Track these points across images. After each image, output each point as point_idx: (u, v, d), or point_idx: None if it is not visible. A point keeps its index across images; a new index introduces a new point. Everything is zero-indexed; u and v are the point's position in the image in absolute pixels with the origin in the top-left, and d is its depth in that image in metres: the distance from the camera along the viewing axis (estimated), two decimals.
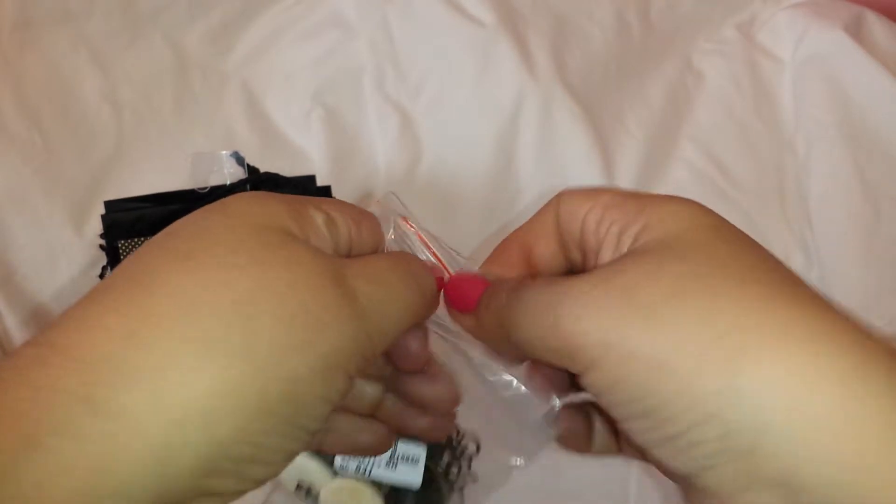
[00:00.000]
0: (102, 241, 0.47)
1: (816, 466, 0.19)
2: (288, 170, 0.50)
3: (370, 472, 0.32)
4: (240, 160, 0.49)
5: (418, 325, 0.26)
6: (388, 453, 0.32)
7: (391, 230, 0.28)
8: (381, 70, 0.54)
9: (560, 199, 0.27)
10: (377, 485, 0.32)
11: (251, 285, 0.20)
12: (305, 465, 0.33)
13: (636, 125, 0.55)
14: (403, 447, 0.32)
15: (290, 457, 0.21)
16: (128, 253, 0.46)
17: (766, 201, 0.55)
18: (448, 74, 0.54)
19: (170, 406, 0.18)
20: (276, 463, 0.21)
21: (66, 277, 0.48)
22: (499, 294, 0.25)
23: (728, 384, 0.19)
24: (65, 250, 0.48)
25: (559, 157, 0.53)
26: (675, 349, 0.20)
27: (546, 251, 0.27)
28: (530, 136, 0.53)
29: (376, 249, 0.26)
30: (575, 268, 0.27)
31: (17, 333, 0.46)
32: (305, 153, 0.52)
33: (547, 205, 0.27)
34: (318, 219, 0.24)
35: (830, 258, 0.52)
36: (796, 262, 0.53)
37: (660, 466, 0.22)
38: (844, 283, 0.51)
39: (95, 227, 0.47)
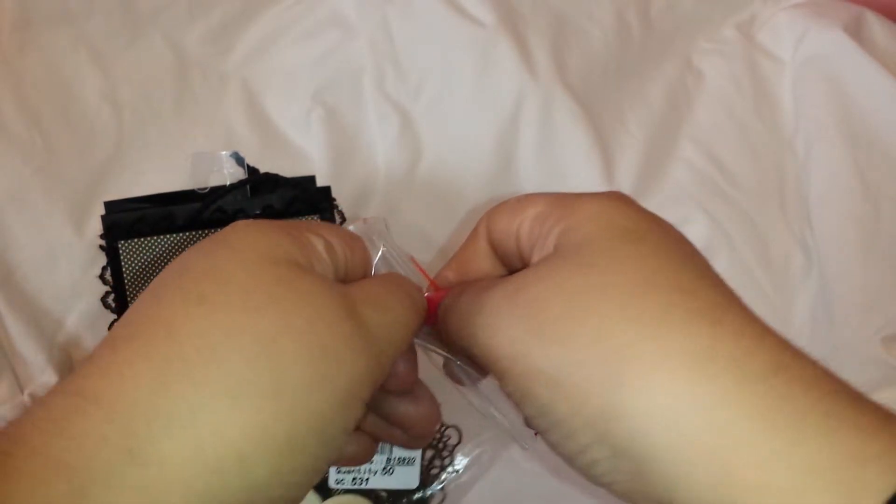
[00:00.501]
0: (102, 242, 0.47)
1: (692, 489, 0.18)
2: (288, 170, 0.50)
3: (367, 481, 0.31)
4: (240, 160, 0.49)
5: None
6: (385, 459, 0.31)
7: (378, 252, 0.28)
8: (381, 70, 0.54)
9: (489, 220, 0.26)
10: (373, 493, 0.32)
11: (272, 327, 0.20)
12: None
13: (636, 125, 0.55)
14: (399, 451, 0.31)
15: (311, 487, 0.21)
16: (128, 253, 0.46)
17: (766, 201, 0.55)
18: (448, 74, 0.54)
19: (208, 453, 0.18)
20: (300, 496, 0.21)
21: (66, 277, 0.48)
22: (444, 303, 0.25)
23: (612, 405, 0.19)
24: (65, 250, 0.48)
25: (559, 157, 0.53)
26: (568, 368, 0.20)
27: (483, 270, 0.27)
28: (530, 136, 0.53)
29: (366, 272, 0.27)
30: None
31: (17, 333, 0.46)
32: (305, 153, 0.52)
33: (475, 231, 0.27)
34: (319, 245, 0.24)
35: (830, 258, 0.52)
36: (796, 262, 0.53)
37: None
38: (844, 283, 0.51)
39: (95, 227, 0.47)
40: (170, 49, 0.53)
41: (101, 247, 0.47)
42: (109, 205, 0.47)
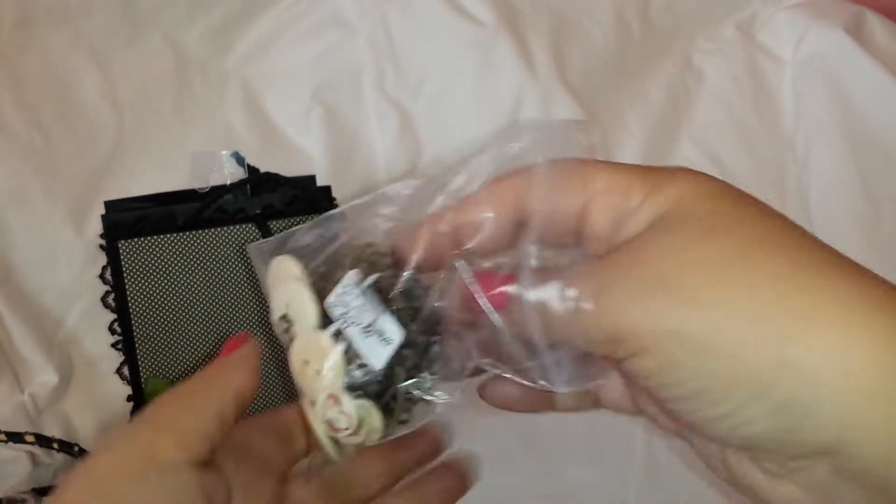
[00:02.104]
0: (102, 241, 0.47)
1: (863, 436, 0.19)
2: (288, 169, 0.50)
3: (348, 326, 0.28)
4: (240, 160, 0.49)
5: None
6: (371, 316, 0.27)
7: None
8: (380, 69, 0.54)
9: (517, 195, 0.25)
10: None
11: None
12: (300, 299, 0.29)
13: (636, 124, 0.55)
14: (384, 322, 0.27)
15: None
16: (128, 253, 0.46)
17: (767, 200, 0.54)
18: (448, 73, 0.54)
19: None
20: None
21: (66, 277, 0.48)
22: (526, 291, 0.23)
23: (778, 359, 0.19)
24: (65, 250, 0.48)
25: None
26: (725, 329, 0.20)
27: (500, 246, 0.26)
28: None
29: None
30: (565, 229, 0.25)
31: (17, 333, 0.46)
32: (305, 152, 0.52)
33: (485, 203, 0.25)
34: None
35: None
36: None
37: (701, 434, 0.22)
38: None
39: (95, 226, 0.47)
40: (170, 48, 0.53)
41: (101, 246, 0.47)
42: (109, 204, 0.47)
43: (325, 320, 0.28)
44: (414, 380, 0.28)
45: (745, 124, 0.56)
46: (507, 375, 0.26)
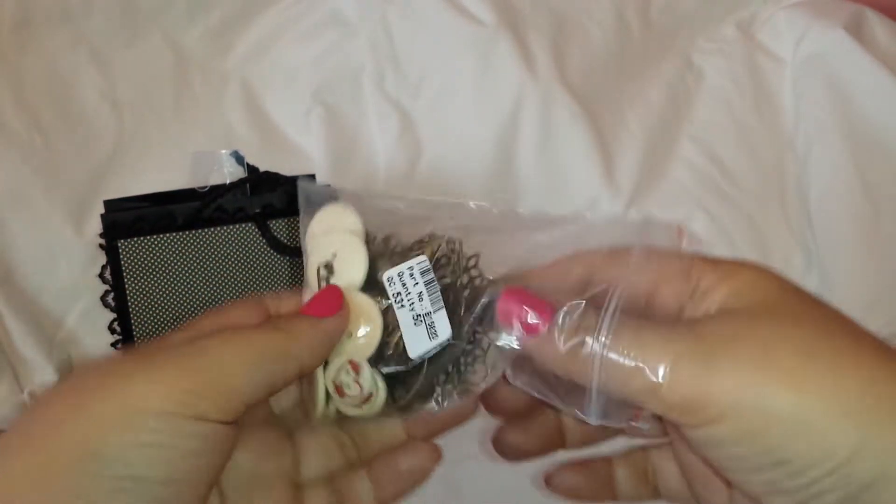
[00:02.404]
0: (102, 241, 0.47)
1: None
2: (288, 168, 0.50)
3: (402, 307, 0.28)
4: (240, 159, 0.49)
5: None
6: (426, 307, 0.28)
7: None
8: (380, 69, 0.54)
9: (596, 268, 0.27)
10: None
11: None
12: (354, 255, 0.28)
13: (636, 124, 0.55)
14: (439, 318, 0.28)
15: None
16: (128, 252, 0.46)
17: (766, 201, 0.55)
18: (448, 73, 0.54)
19: None
20: None
21: (66, 277, 0.48)
22: (583, 328, 0.25)
23: (860, 441, 0.21)
24: (64, 250, 0.48)
25: (559, 156, 0.53)
26: (811, 407, 0.22)
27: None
28: (530, 135, 0.53)
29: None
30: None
31: (17, 332, 0.46)
32: (305, 152, 0.52)
33: (568, 271, 0.28)
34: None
35: (830, 258, 0.52)
36: (796, 262, 0.53)
37: None
38: (844, 283, 0.51)
39: (95, 226, 0.47)
40: (169, 48, 0.53)
41: (100, 246, 0.47)
42: (109, 204, 0.47)
43: (369, 287, 0.28)
44: (438, 387, 0.29)
45: (745, 124, 0.56)
46: (538, 396, 0.27)
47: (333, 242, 0.29)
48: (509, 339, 0.26)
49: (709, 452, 0.24)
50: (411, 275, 0.28)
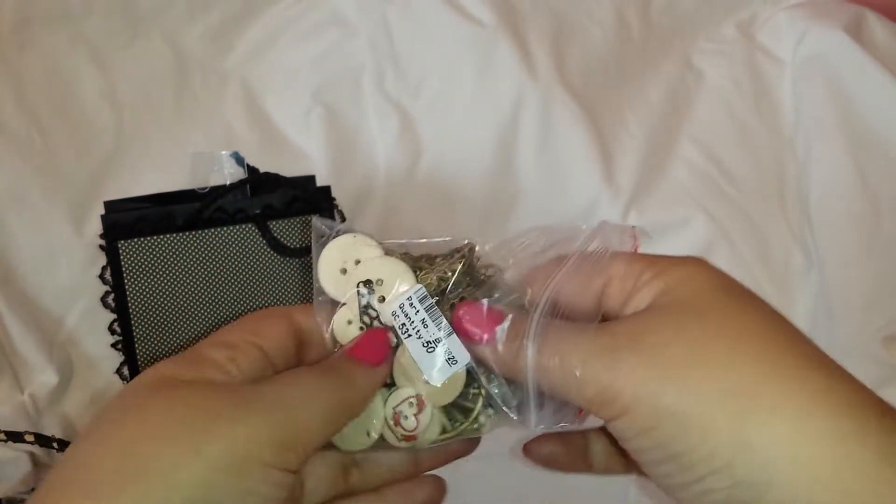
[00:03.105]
0: (102, 241, 0.47)
1: None
2: (288, 169, 0.50)
3: (410, 335, 0.28)
4: (240, 160, 0.49)
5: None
6: (434, 329, 0.28)
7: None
8: (380, 69, 0.54)
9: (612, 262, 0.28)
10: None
11: (131, 428, 0.23)
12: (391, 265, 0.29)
13: (636, 125, 0.55)
14: (454, 345, 0.28)
15: None
16: (128, 253, 0.46)
17: (766, 201, 0.55)
18: (448, 74, 0.54)
19: None
20: None
21: (66, 277, 0.48)
22: (519, 335, 0.26)
23: (739, 438, 0.21)
24: (65, 250, 0.48)
25: (559, 156, 0.53)
26: (697, 404, 0.22)
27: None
28: (530, 135, 0.53)
29: (299, 331, 0.29)
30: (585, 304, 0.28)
31: (17, 333, 0.46)
32: (305, 153, 0.52)
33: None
34: (218, 356, 0.26)
35: (830, 258, 0.52)
36: (796, 262, 0.53)
37: (672, 496, 0.24)
38: (844, 283, 0.51)
39: (95, 226, 0.47)
40: (169, 48, 0.53)
41: (100, 246, 0.47)
42: (109, 204, 0.47)
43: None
44: (479, 417, 0.29)
45: (746, 124, 0.56)
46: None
47: (383, 267, 0.29)
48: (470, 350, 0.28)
49: (623, 444, 0.25)
50: (411, 304, 0.29)
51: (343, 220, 0.49)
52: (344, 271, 0.30)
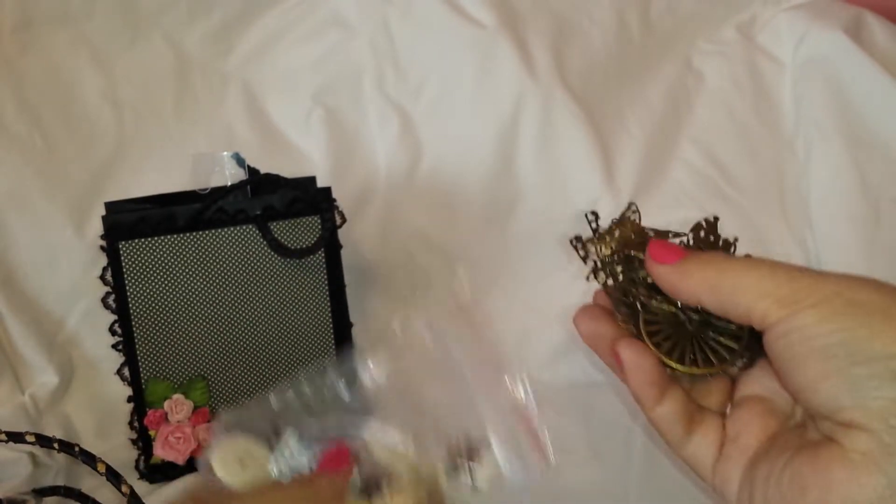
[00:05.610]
0: (103, 242, 0.47)
1: None
2: (288, 170, 0.49)
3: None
4: (240, 161, 0.49)
5: None
6: None
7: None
8: (381, 71, 0.54)
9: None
10: None
11: None
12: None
13: (636, 126, 0.55)
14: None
15: None
16: (129, 254, 0.46)
17: (766, 201, 0.55)
18: (448, 75, 0.54)
19: None
20: None
21: (67, 278, 0.48)
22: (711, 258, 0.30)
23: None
24: (65, 251, 0.48)
25: (559, 157, 0.53)
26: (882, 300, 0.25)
27: None
28: (530, 136, 0.53)
29: None
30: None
31: (18, 334, 0.46)
32: (306, 153, 0.52)
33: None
34: None
35: (830, 258, 0.52)
36: (796, 263, 0.53)
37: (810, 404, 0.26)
38: None
39: (96, 227, 0.47)
40: (170, 50, 0.53)
41: (101, 247, 0.47)
42: (110, 205, 0.47)
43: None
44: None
45: (746, 125, 0.56)
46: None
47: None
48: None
49: (787, 347, 0.26)
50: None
51: (343, 220, 0.49)
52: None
